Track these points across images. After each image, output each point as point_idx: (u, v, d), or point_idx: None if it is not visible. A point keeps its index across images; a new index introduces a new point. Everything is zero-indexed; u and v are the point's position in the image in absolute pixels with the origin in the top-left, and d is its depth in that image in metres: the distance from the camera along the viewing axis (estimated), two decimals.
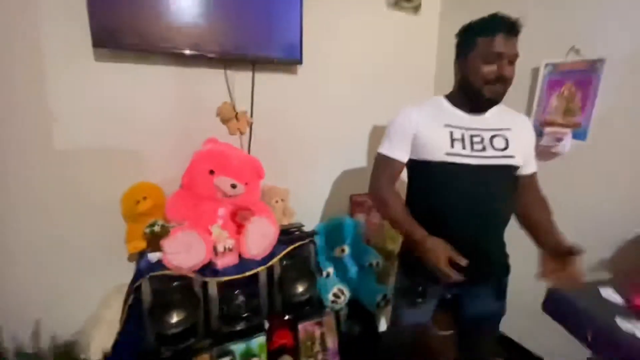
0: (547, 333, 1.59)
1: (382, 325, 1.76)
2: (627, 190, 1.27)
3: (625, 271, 0.92)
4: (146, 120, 1.39)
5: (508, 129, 0.96)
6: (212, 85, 1.47)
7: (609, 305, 0.48)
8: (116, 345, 1.14)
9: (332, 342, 1.56)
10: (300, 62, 1.53)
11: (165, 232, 1.16)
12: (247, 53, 1.42)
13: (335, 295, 1.50)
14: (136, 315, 1.14)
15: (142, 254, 1.24)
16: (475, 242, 0.95)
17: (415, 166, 1.01)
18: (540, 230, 0.97)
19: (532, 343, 1.68)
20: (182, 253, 1.10)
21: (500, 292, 1.08)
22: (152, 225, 1.16)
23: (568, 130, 1.37)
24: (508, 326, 1.75)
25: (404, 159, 1.00)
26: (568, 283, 0.78)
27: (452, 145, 0.94)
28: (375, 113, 1.89)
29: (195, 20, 1.30)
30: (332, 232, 1.75)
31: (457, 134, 0.95)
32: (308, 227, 1.57)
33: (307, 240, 1.41)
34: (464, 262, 0.82)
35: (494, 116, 0.98)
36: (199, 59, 1.40)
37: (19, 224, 1.24)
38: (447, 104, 1.01)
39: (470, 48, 0.92)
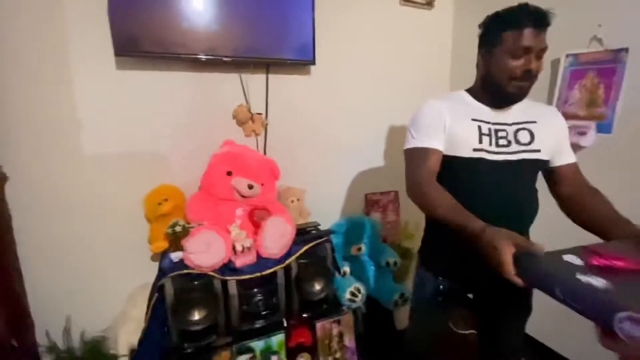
0: (573, 334, 1.54)
1: (400, 324, 1.75)
2: None
3: None
4: (166, 125, 1.44)
5: (533, 122, 0.92)
6: (227, 88, 1.51)
7: (571, 267, 0.57)
8: (142, 341, 1.19)
9: (350, 341, 1.56)
10: (313, 62, 1.54)
11: (186, 232, 1.19)
12: (260, 55, 1.45)
13: (352, 294, 1.51)
14: (160, 313, 1.18)
15: (164, 254, 1.28)
16: None
17: (444, 163, 0.95)
18: (607, 221, 0.82)
19: (557, 344, 1.63)
20: (203, 252, 1.13)
21: (526, 291, 1.04)
22: (174, 225, 1.20)
23: (592, 123, 1.33)
24: (533, 327, 1.71)
25: (440, 147, 0.92)
26: None
27: (481, 141, 0.90)
28: (390, 111, 1.88)
29: (210, 25, 1.33)
30: (349, 231, 1.76)
31: (485, 129, 0.90)
32: (324, 227, 1.58)
33: (323, 240, 1.42)
34: (540, 248, 0.63)
35: (519, 109, 0.94)
36: (215, 63, 1.43)
37: (50, 226, 1.31)
38: (470, 98, 0.97)
39: (496, 42, 0.87)
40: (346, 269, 1.62)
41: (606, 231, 0.80)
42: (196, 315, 1.19)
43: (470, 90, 1.00)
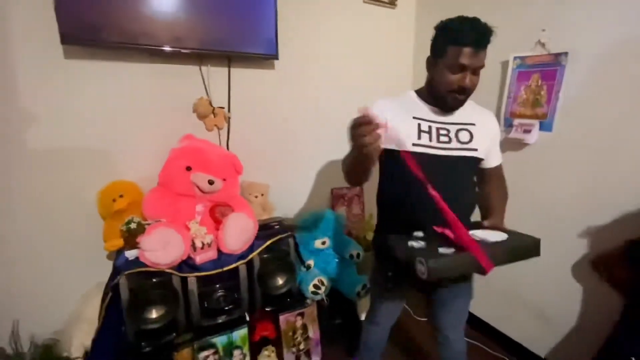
0: (519, 316, 1.67)
1: (363, 314, 1.81)
2: (588, 181, 1.34)
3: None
4: (121, 117, 1.38)
5: (473, 124, 1.02)
6: (187, 81, 1.46)
7: (409, 238, 0.89)
8: (96, 342, 1.15)
9: (314, 332, 1.60)
10: (276, 57, 1.53)
11: (141, 229, 1.16)
12: (222, 48, 1.42)
13: (315, 286, 1.53)
14: (115, 312, 1.14)
15: (120, 252, 1.24)
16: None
17: (386, 156, 1.03)
18: (489, 213, 1.08)
19: (506, 326, 1.76)
20: (159, 250, 1.11)
21: (466, 280, 1.14)
22: (129, 222, 1.16)
23: (535, 122, 1.43)
24: (482, 310, 1.83)
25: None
26: None
27: (419, 137, 0.98)
28: (354, 106, 1.90)
29: (170, 15, 1.29)
30: (314, 225, 1.77)
31: (425, 126, 0.99)
32: (289, 222, 1.59)
33: (286, 234, 1.43)
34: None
35: (461, 111, 1.02)
36: (173, 55, 1.38)
37: None
38: (417, 99, 1.05)
39: (440, 53, 0.93)
40: (310, 262, 1.65)
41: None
42: (154, 314, 1.17)
43: (419, 91, 1.07)
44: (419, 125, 0.99)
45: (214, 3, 1.37)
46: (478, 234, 0.91)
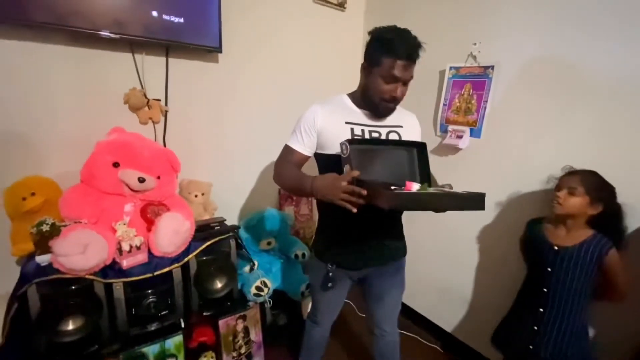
0: (450, 309, 1.79)
1: (307, 314, 1.81)
2: (510, 184, 1.46)
3: None
4: (38, 105, 1.22)
5: (400, 127, 1.10)
6: (118, 69, 1.34)
7: None
8: None
9: (256, 335, 1.56)
10: (219, 50, 1.47)
11: (56, 231, 1.04)
12: (158, 37, 1.32)
13: (258, 288, 1.50)
14: (23, 325, 1.01)
15: (30, 257, 1.10)
16: (376, 227, 1.07)
17: (322, 159, 1.07)
18: None
19: (437, 317, 1.88)
20: (75, 254, 1.00)
21: (399, 270, 1.21)
22: (40, 224, 1.03)
23: (467, 128, 1.54)
24: (417, 303, 1.93)
25: (307, 152, 1.06)
26: None
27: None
28: (301, 105, 1.86)
29: None
30: (259, 225, 1.74)
31: (358, 131, 1.03)
32: (234, 222, 1.54)
33: (226, 235, 1.38)
34: (356, 172, 0.82)
35: (391, 115, 1.08)
36: (102, 40, 1.26)
37: None
38: (350, 103, 1.09)
39: (375, 63, 0.97)
40: (254, 262, 1.61)
41: None
42: (70, 325, 1.06)
43: (352, 94, 1.11)
44: (352, 129, 1.02)
45: None
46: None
